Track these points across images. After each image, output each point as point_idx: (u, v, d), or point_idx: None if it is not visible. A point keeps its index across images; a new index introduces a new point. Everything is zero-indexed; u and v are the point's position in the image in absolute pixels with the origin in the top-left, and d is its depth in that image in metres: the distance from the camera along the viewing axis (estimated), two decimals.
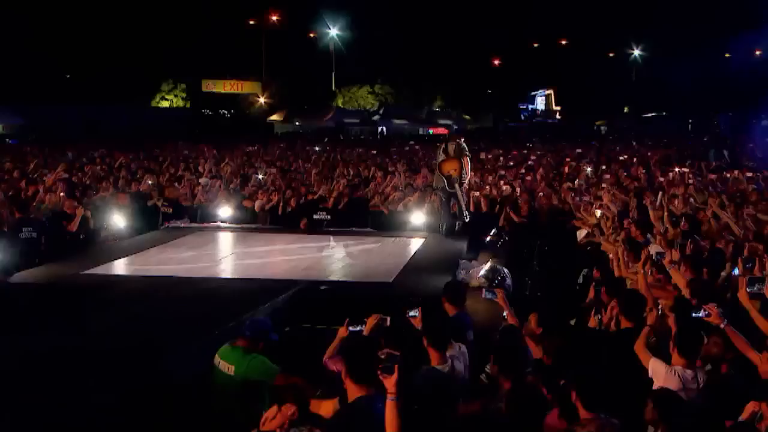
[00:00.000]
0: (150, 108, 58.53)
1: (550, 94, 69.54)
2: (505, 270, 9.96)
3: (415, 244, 11.50)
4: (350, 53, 64.37)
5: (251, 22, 63.13)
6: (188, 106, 61.36)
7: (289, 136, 50.61)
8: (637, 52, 71.33)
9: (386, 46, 61.32)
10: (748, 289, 6.03)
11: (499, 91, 68.71)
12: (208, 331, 5.67)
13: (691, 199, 12.64)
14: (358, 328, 5.28)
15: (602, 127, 56.19)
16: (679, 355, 4.98)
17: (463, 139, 15.35)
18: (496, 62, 73.14)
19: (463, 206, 12.94)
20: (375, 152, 27.98)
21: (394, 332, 5.25)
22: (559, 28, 66.64)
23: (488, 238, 11.41)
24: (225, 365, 5.17)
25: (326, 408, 4.09)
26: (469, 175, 14.14)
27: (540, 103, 71.14)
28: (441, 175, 12.66)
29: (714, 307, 5.13)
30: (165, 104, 60.82)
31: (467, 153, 14.58)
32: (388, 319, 5.35)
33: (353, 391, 3.97)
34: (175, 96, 61.24)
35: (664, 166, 19.61)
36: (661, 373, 4.94)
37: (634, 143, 32.46)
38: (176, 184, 15.02)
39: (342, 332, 5.45)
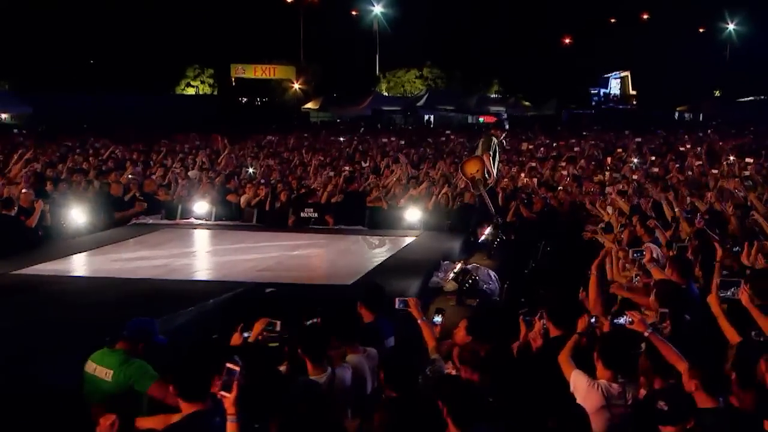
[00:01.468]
0: (174, 95, 59.90)
1: (627, 76, 67.93)
2: (489, 273, 9.85)
3: (402, 243, 11.51)
4: (396, 33, 64.43)
5: (287, 0, 64.05)
6: (215, 93, 62.49)
7: (325, 125, 51.17)
8: (731, 27, 69.11)
9: (437, 23, 61.19)
10: (720, 293, 5.86)
11: (567, 74, 67.62)
12: (100, 338, 5.81)
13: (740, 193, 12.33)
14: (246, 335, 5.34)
15: (686, 114, 54.66)
16: (604, 366, 4.87)
17: (503, 134, 15.39)
18: (567, 41, 71.99)
19: (491, 209, 13.01)
20: (403, 142, 28.00)
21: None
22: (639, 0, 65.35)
23: (482, 237, 11.27)
24: (102, 371, 5.26)
25: (157, 422, 4.15)
26: (493, 176, 14.21)
27: (614, 87, 69.63)
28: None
29: (637, 314, 4.99)
30: (190, 91, 62.18)
31: (493, 150, 14.63)
32: (279, 323, 5.38)
33: (185, 409, 4.02)
34: (202, 82, 62.55)
35: (742, 157, 18.97)
36: (582, 388, 4.85)
37: (710, 132, 31.47)
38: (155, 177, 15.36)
39: (236, 339, 5.50)
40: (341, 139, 30.30)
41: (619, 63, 67.38)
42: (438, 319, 6.20)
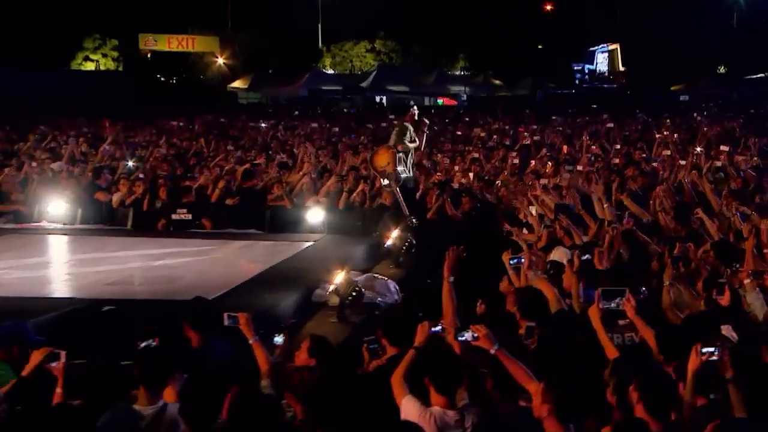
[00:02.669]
0: (68, 71, 59.07)
1: (615, 50, 68.84)
2: (388, 284, 10.04)
3: (295, 249, 11.63)
4: None
5: None
6: (120, 69, 61.93)
7: (253, 108, 50.98)
8: None
9: None
10: (602, 305, 6.09)
11: (546, 48, 68.29)
12: None
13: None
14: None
15: (681, 95, 55.58)
16: (437, 392, 5.00)
17: (425, 125, 15.60)
18: (547, 7, 72.70)
19: (405, 209, 13.19)
20: (337, 129, 28.16)
21: None
22: None
23: (388, 242, 11.43)
24: None
25: None
26: (408, 171, 14.43)
27: (601, 63, 70.55)
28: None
29: (482, 328, 5.14)
30: (89, 66, 61.46)
31: (409, 140, 14.83)
32: (63, 353, 5.47)
33: None
34: (104, 56, 61.83)
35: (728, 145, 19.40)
36: (413, 416, 4.97)
37: (696, 115, 32.17)
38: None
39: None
40: (263, 124, 30.32)
41: (606, 34, 68.18)
42: (279, 339, 6.30)
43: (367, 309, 9.27)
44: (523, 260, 6.95)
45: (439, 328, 5.54)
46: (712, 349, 5.12)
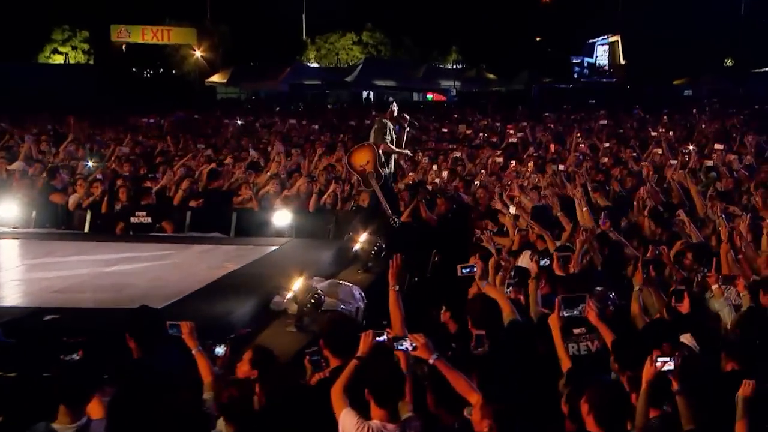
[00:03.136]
0: (35, 66, 58.98)
1: (616, 42, 68.96)
2: (353, 291, 10.08)
3: (258, 254, 11.69)
4: None
5: None
6: (91, 62, 61.83)
7: (232, 104, 51.07)
8: None
9: None
10: (564, 313, 6.18)
11: (544, 40, 68.39)
12: None
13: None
14: None
15: (685, 90, 55.88)
16: (376, 405, 5.09)
17: (405, 120, 15.70)
18: None
19: (387, 209, 13.26)
20: (316, 127, 28.24)
21: None
22: None
23: (356, 246, 11.49)
24: None
25: None
26: (390, 168, 14.51)
27: (602, 56, 70.69)
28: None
29: (421, 337, 5.21)
30: (58, 60, 61.37)
31: (389, 136, 14.90)
32: None
33: None
34: (73, 48, 61.73)
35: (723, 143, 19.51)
36: (350, 430, 5.06)
37: (695, 111, 32.36)
38: None
39: None
40: (239, 122, 30.35)
41: (607, 25, 68.23)
42: (220, 350, 6.36)
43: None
44: (475, 269, 7.00)
45: (384, 337, 5.61)
46: (668, 359, 5.20)
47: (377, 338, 5.56)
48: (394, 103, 16.19)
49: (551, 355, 6.20)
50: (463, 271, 7.08)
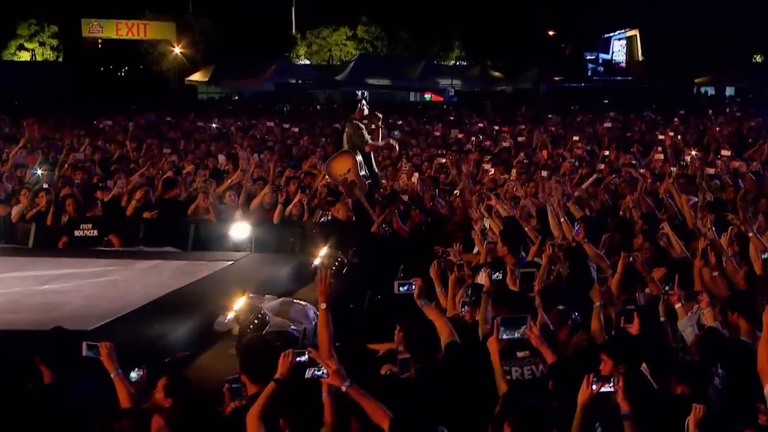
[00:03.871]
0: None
1: (634, 36, 69.08)
2: (307, 310, 10.15)
3: (209, 269, 11.79)
4: None
5: None
6: (60, 59, 62.00)
7: (212, 104, 51.14)
8: None
9: None
10: (504, 335, 6.26)
11: (556, 34, 68.47)
12: None
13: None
14: None
15: (705, 89, 55.97)
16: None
17: (379, 114, 15.83)
18: None
19: (376, 217, 13.39)
20: (297, 130, 28.28)
21: None
22: None
23: (317, 260, 11.54)
24: None
25: None
26: (377, 173, 14.65)
27: (618, 52, 70.78)
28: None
29: (333, 363, 5.29)
30: (25, 56, 61.62)
31: (368, 139, 15.04)
32: None
33: None
34: (41, 44, 61.99)
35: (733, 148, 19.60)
36: None
37: (711, 112, 32.44)
38: None
39: None
40: (213, 125, 30.37)
41: (624, 18, 68.28)
42: (135, 375, 6.44)
43: (279, 338, 9.35)
44: (413, 287, 7.07)
45: (305, 357, 5.64)
46: (607, 381, 5.30)
47: (298, 358, 5.60)
48: (363, 101, 16.29)
49: (492, 379, 6.28)
50: (401, 288, 7.13)
